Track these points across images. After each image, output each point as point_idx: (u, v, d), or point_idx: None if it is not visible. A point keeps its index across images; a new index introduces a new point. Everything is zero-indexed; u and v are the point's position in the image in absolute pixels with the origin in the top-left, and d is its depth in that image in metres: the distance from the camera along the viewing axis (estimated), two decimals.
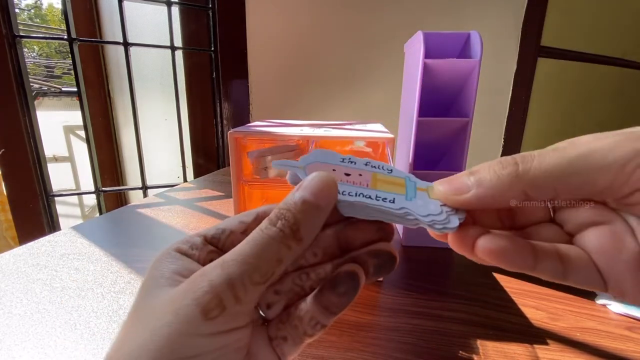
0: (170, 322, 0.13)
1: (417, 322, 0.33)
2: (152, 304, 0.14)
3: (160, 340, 0.13)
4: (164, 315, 0.13)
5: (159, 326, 0.13)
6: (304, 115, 1.12)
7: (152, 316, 0.14)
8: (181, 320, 0.13)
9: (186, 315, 0.13)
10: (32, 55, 4.47)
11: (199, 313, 0.13)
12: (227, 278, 0.13)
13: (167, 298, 0.14)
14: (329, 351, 0.29)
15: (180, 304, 0.13)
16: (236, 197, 0.39)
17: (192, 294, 0.13)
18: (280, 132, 0.38)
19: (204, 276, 0.14)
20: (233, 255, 0.14)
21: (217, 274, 0.14)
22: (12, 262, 0.42)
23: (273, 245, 0.14)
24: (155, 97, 1.23)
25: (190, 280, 0.14)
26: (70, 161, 2.10)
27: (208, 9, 1.04)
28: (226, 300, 0.13)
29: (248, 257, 0.14)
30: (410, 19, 1.04)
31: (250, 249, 0.14)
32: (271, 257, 0.14)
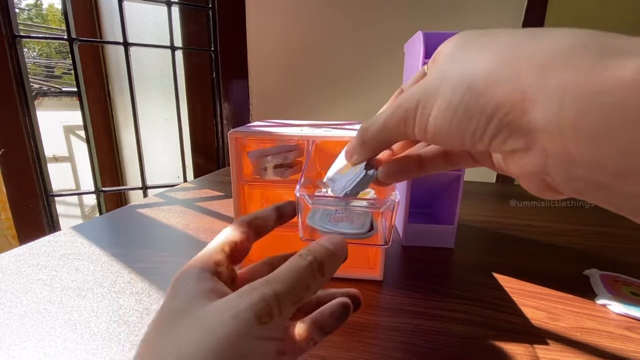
0: (229, 323, 0.15)
1: (417, 322, 0.33)
2: (202, 312, 0.16)
3: (220, 339, 0.15)
4: (221, 319, 0.16)
5: (218, 327, 0.15)
6: (304, 115, 1.12)
7: (206, 320, 0.16)
8: (239, 322, 0.15)
9: (243, 319, 0.15)
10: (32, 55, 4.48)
11: (254, 317, 0.16)
12: (274, 293, 0.16)
13: (218, 305, 0.16)
14: (329, 351, 0.29)
15: (237, 310, 0.16)
16: (236, 197, 0.39)
17: (247, 302, 0.16)
18: (280, 132, 0.38)
19: (255, 289, 0.17)
20: (275, 277, 0.17)
21: (266, 289, 0.16)
22: (12, 262, 0.42)
23: (305, 274, 0.17)
24: (155, 97, 1.23)
25: (242, 292, 0.17)
26: (70, 161, 2.10)
27: (208, 9, 1.04)
28: (274, 310, 0.16)
29: (287, 279, 0.17)
30: (410, 19, 1.04)
31: (288, 273, 0.17)
32: (303, 283, 0.17)
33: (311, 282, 0.18)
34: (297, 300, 0.17)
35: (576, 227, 0.58)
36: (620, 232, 0.57)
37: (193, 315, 0.16)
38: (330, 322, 0.20)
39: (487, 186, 0.88)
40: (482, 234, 0.55)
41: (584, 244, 0.52)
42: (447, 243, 0.49)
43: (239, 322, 0.15)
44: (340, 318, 0.20)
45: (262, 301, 0.16)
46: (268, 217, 0.23)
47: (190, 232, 0.53)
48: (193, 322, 0.16)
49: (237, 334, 0.15)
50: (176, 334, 0.16)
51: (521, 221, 0.60)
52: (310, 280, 0.18)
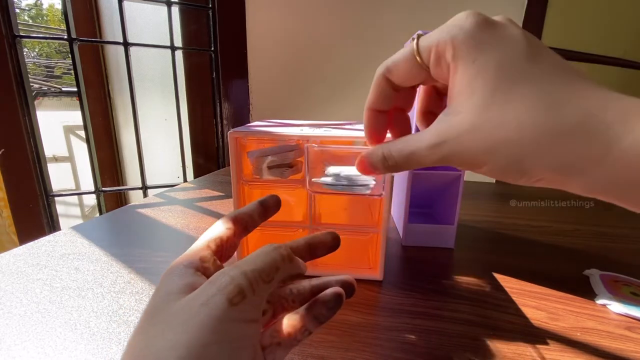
0: (200, 312, 0.15)
1: (417, 322, 0.33)
2: (174, 307, 0.16)
3: (194, 328, 0.15)
4: (191, 310, 0.16)
5: (190, 318, 0.15)
6: (304, 115, 1.12)
7: (178, 314, 0.16)
8: (211, 307, 0.15)
9: (215, 303, 0.15)
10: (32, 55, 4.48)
11: (225, 300, 0.15)
12: (243, 273, 0.16)
13: (189, 298, 0.16)
14: (329, 351, 0.29)
15: (207, 296, 0.16)
16: (236, 197, 0.39)
17: (216, 287, 0.16)
18: (280, 132, 0.38)
19: (223, 274, 0.17)
20: (243, 261, 0.17)
21: (235, 271, 0.17)
22: (12, 262, 0.42)
23: (273, 255, 0.18)
24: (155, 97, 1.23)
25: (211, 280, 0.17)
26: (70, 161, 2.10)
27: (208, 9, 1.04)
28: (246, 290, 0.16)
29: (255, 260, 0.17)
30: (410, 19, 1.04)
31: (256, 255, 0.18)
32: (272, 264, 0.18)
33: (280, 264, 0.18)
34: (268, 278, 0.17)
35: (576, 227, 0.58)
36: (620, 232, 0.57)
37: (166, 312, 0.16)
38: (324, 312, 0.20)
39: (487, 186, 0.88)
40: (482, 234, 0.55)
41: (584, 244, 0.52)
42: (447, 243, 0.49)
43: (210, 308, 0.15)
44: (334, 308, 0.20)
45: (231, 283, 0.16)
46: (253, 212, 0.23)
47: (190, 232, 0.53)
48: (165, 319, 0.16)
49: (210, 320, 0.15)
50: (149, 332, 0.16)
51: (521, 221, 0.60)
52: (279, 262, 0.18)
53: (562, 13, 1.18)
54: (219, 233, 0.21)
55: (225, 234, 0.21)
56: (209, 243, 0.20)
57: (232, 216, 0.22)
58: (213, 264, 0.19)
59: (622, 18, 1.45)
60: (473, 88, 0.16)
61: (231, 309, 0.15)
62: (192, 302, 0.16)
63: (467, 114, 0.16)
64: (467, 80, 0.16)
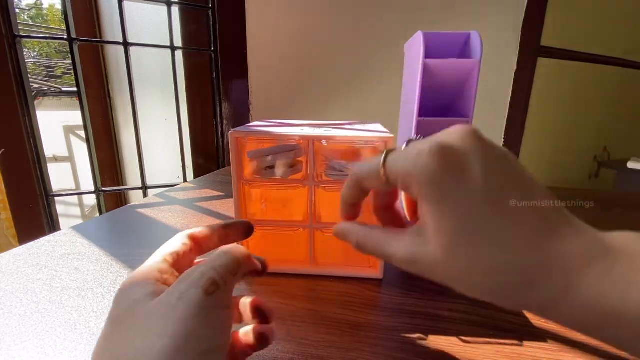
0: (178, 306, 0.16)
1: (417, 322, 0.33)
2: (147, 308, 0.17)
3: (176, 317, 0.16)
4: (169, 304, 0.16)
5: (170, 310, 0.16)
6: (304, 115, 1.12)
7: (156, 311, 0.16)
8: (188, 299, 0.16)
9: (191, 295, 0.16)
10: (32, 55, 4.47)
11: (201, 291, 0.17)
12: (213, 268, 0.18)
13: (161, 298, 0.17)
14: (329, 351, 0.29)
15: (181, 291, 0.17)
16: (236, 197, 0.39)
17: (188, 283, 0.17)
18: (280, 132, 0.38)
19: (192, 271, 0.18)
20: (209, 260, 0.19)
21: (204, 267, 0.18)
22: (12, 262, 0.42)
23: (235, 253, 0.20)
24: (155, 97, 1.23)
25: (180, 279, 0.18)
26: (70, 161, 2.10)
27: (208, 9, 1.04)
28: (218, 281, 0.17)
29: (221, 258, 0.19)
30: (410, 19, 1.04)
31: (219, 255, 0.19)
32: (235, 260, 0.19)
33: (241, 259, 0.20)
34: (234, 272, 0.19)
35: None
36: None
37: (138, 315, 0.17)
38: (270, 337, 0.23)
39: None
40: None
41: None
42: None
43: (188, 300, 0.16)
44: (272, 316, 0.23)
45: (203, 277, 0.17)
46: (213, 234, 0.24)
47: None
48: (140, 321, 0.17)
49: (190, 309, 0.16)
50: (123, 336, 0.16)
51: None
52: (240, 259, 0.20)
53: (562, 13, 1.18)
54: (175, 248, 0.22)
55: (182, 249, 0.22)
56: (166, 257, 0.21)
57: (190, 233, 0.23)
58: (172, 276, 0.20)
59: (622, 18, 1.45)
60: (439, 229, 0.17)
61: (208, 298, 0.16)
62: (166, 300, 0.17)
63: (436, 250, 0.17)
64: (433, 220, 0.17)
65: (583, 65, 1.36)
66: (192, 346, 0.15)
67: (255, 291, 0.37)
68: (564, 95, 1.36)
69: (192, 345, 0.15)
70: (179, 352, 0.15)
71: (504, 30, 1.08)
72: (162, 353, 0.15)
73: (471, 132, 0.17)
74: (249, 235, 0.26)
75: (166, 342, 0.15)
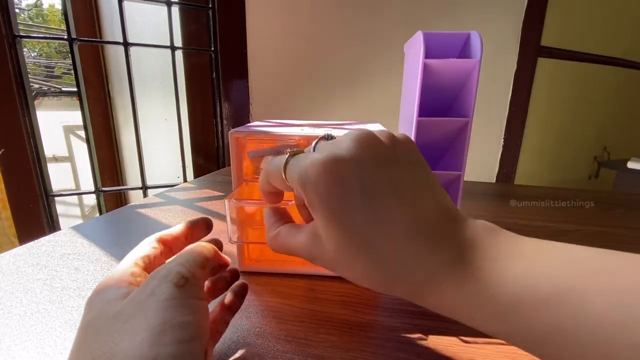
0: (150, 300, 0.16)
1: (417, 322, 0.33)
2: (116, 308, 0.17)
3: (150, 311, 0.16)
4: (140, 301, 0.16)
5: (142, 305, 0.16)
6: (304, 115, 1.12)
7: (127, 309, 0.17)
8: (160, 293, 0.16)
9: (162, 289, 0.17)
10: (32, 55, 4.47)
11: (171, 285, 0.17)
12: (180, 264, 0.18)
13: (131, 297, 0.17)
14: (329, 351, 0.29)
15: (152, 288, 0.17)
16: (237, 197, 0.39)
17: (157, 280, 0.17)
18: (280, 132, 0.38)
19: (160, 269, 0.18)
20: (175, 257, 0.20)
21: (170, 265, 0.18)
22: (12, 262, 0.42)
23: (200, 249, 0.21)
24: (155, 97, 1.23)
25: (150, 277, 0.18)
26: (70, 161, 2.10)
27: (208, 9, 1.04)
28: (186, 275, 0.18)
29: (187, 255, 0.20)
30: (410, 19, 1.04)
31: (185, 252, 0.20)
32: (201, 254, 0.20)
33: (207, 254, 0.21)
34: (201, 265, 0.19)
35: (576, 227, 0.58)
36: (620, 232, 0.57)
37: (110, 316, 0.17)
38: (238, 303, 0.26)
39: (487, 186, 0.88)
40: None
41: (584, 244, 0.52)
42: None
43: (159, 294, 0.16)
44: (243, 296, 0.26)
45: (171, 272, 0.18)
46: (179, 234, 0.25)
47: None
48: (113, 322, 0.16)
49: (163, 302, 0.16)
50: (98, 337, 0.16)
51: (521, 221, 0.60)
52: (206, 253, 0.21)
53: (562, 13, 1.18)
54: (146, 252, 0.22)
55: (152, 253, 0.22)
56: (137, 261, 0.21)
57: (157, 237, 0.24)
58: (144, 279, 0.20)
59: (622, 18, 1.45)
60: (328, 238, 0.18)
61: (179, 290, 0.17)
62: (137, 297, 0.17)
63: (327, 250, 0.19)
64: (322, 229, 0.18)
65: (583, 65, 1.36)
66: (170, 337, 0.15)
67: (255, 291, 0.37)
68: (564, 95, 1.36)
69: (169, 337, 0.15)
70: (157, 344, 0.15)
71: (504, 30, 1.08)
72: (140, 347, 0.15)
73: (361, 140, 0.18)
74: (210, 229, 0.28)
75: (143, 336, 0.15)
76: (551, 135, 1.36)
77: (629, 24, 1.48)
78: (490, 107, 1.13)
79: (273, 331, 0.31)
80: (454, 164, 0.47)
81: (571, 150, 1.51)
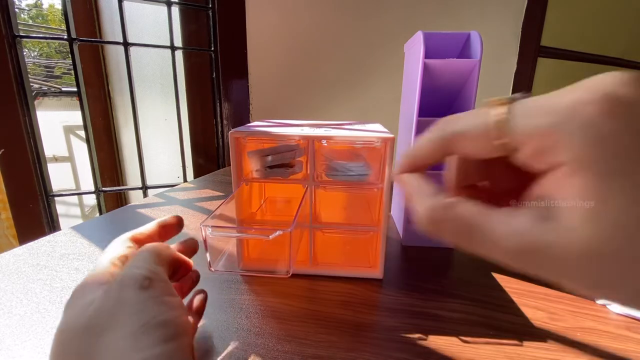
0: (119, 309, 0.16)
1: (417, 322, 0.33)
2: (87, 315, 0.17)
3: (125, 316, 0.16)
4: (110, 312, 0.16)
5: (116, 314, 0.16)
6: (304, 115, 1.12)
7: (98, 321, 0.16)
8: (127, 300, 0.16)
9: (128, 295, 0.17)
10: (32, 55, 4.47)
11: (135, 288, 0.17)
12: (135, 265, 0.18)
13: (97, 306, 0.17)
14: (329, 351, 0.29)
15: (115, 296, 0.17)
16: (236, 197, 0.39)
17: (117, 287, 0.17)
18: (280, 132, 0.38)
19: (118, 275, 0.18)
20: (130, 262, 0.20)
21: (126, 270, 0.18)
22: (12, 262, 0.42)
23: (149, 247, 0.21)
24: (155, 97, 1.23)
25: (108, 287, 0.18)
26: (70, 161, 2.10)
27: (208, 9, 1.04)
28: (147, 274, 0.18)
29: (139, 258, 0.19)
30: (410, 19, 1.04)
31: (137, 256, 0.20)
32: (153, 251, 0.20)
33: (159, 250, 0.21)
34: (159, 262, 0.19)
35: None
36: None
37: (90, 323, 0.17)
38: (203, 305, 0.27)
39: None
40: None
41: None
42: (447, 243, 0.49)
43: (128, 301, 0.16)
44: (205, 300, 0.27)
45: (130, 277, 0.17)
46: (152, 233, 0.26)
47: (190, 232, 0.53)
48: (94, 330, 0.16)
49: (134, 306, 0.16)
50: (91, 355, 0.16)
51: None
52: (157, 249, 0.20)
53: (562, 13, 1.18)
54: (122, 252, 0.22)
55: (129, 252, 0.22)
56: (113, 261, 0.21)
57: (130, 236, 0.24)
58: None
59: (622, 18, 1.45)
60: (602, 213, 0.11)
61: (146, 292, 0.17)
62: (104, 307, 0.17)
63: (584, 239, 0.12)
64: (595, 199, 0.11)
65: (583, 65, 1.36)
66: (152, 338, 0.15)
67: (255, 291, 0.37)
68: None
69: (151, 338, 0.15)
70: (140, 348, 0.15)
71: (504, 30, 1.08)
72: (122, 357, 0.14)
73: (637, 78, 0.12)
74: (181, 227, 0.28)
75: (123, 344, 0.15)
76: None
77: (629, 24, 1.48)
78: None
79: (273, 331, 0.31)
80: None
81: None
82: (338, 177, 0.38)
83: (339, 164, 0.38)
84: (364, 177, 0.38)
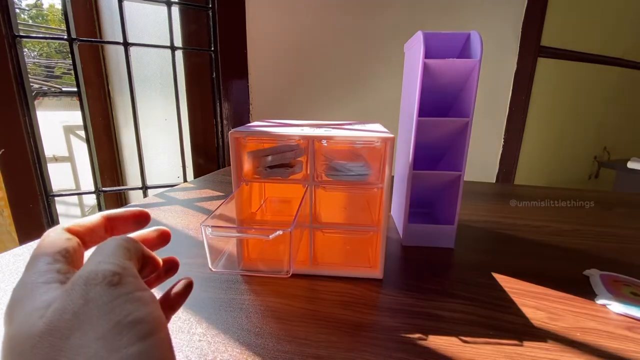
0: (87, 309, 0.15)
1: (417, 322, 0.33)
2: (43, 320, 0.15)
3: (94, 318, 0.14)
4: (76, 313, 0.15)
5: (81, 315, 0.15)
6: (304, 116, 1.12)
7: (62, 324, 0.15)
8: (95, 299, 0.15)
9: (96, 293, 0.15)
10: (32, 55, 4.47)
11: (104, 285, 0.15)
12: (101, 260, 0.17)
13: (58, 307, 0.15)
14: (329, 351, 0.29)
15: (81, 295, 0.15)
16: (236, 196, 0.39)
17: (82, 285, 0.15)
18: (280, 132, 0.38)
19: (80, 272, 0.16)
20: (93, 257, 0.18)
21: (90, 266, 0.16)
22: (12, 262, 0.42)
23: (112, 242, 0.18)
24: (155, 97, 1.23)
25: (72, 283, 0.16)
26: (70, 161, 2.10)
27: (208, 9, 1.04)
28: (115, 269, 0.16)
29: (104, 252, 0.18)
30: (410, 19, 1.04)
31: (101, 249, 0.18)
32: (119, 246, 0.18)
33: (124, 244, 0.19)
34: (126, 256, 0.18)
35: (576, 227, 0.58)
36: (620, 232, 0.57)
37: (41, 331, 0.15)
38: (180, 301, 0.23)
39: (487, 186, 0.88)
40: (482, 234, 0.55)
41: (584, 244, 0.52)
42: (447, 243, 0.49)
43: (97, 300, 0.15)
44: (187, 295, 0.24)
45: (97, 274, 0.16)
46: (95, 225, 0.22)
47: (190, 232, 0.53)
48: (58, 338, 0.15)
49: (105, 307, 0.15)
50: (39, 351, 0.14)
51: (521, 221, 0.60)
52: (123, 244, 0.19)
53: (562, 13, 1.18)
54: (63, 245, 0.19)
55: (71, 245, 0.19)
56: (56, 257, 0.18)
57: (65, 228, 0.20)
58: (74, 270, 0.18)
59: (622, 18, 1.45)
60: None
61: (116, 289, 0.15)
62: (69, 308, 0.15)
63: None
64: None
65: (583, 65, 1.36)
66: (127, 338, 0.14)
67: (255, 291, 0.37)
68: (563, 95, 1.36)
69: (126, 337, 0.14)
70: (115, 349, 0.14)
71: (504, 30, 1.08)
72: (100, 352, 0.13)
73: None
74: (142, 225, 0.24)
75: (96, 346, 0.14)
76: (551, 135, 1.36)
77: (629, 24, 1.48)
78: (490, 107, 1.13)
79: (273, 331, 0.31)
80: (454, 164, 0.47)
81: (571, 150, 1.50)
82: (338, 177, 0.38)
83: (339, 164, 0.38)
84: (364, 177, 0.38)
